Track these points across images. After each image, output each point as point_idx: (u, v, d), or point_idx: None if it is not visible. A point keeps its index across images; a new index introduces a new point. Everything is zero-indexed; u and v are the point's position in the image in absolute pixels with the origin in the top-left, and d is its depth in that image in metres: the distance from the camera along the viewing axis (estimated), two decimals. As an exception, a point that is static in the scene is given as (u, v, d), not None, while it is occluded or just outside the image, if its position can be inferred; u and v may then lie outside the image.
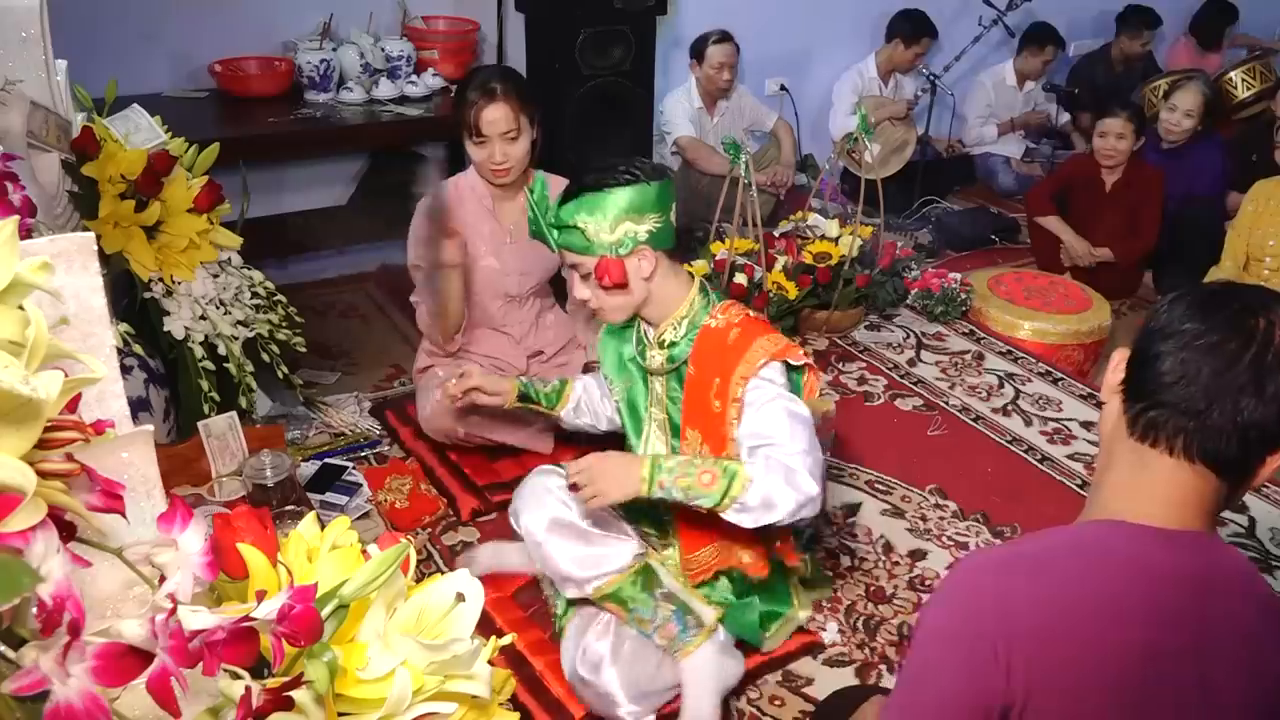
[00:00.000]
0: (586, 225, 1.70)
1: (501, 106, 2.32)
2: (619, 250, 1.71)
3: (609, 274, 1.72)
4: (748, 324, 1.77)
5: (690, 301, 1.81)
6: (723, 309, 1.80)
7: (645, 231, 1.72)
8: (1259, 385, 0.97)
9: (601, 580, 1.77)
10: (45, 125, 1.86)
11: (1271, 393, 0.97)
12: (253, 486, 2.09)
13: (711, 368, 1.76)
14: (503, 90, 2.32)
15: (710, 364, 1.76)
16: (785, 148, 4.14)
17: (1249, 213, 3.53)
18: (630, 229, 1.70)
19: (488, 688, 0.89)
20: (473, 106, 2.32)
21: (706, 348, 1.77)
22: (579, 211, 1.70)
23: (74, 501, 0.66)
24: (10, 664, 0.60)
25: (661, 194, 1.72)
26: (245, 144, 2.96)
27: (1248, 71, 4.85)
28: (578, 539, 1.80)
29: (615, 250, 1.71)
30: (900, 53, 4.48)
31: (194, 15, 3.18)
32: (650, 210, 1.71)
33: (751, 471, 1.60)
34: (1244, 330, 0.99)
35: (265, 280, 2.49)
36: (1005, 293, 3.49)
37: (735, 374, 1.71)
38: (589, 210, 1.69)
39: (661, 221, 1.73)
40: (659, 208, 1.72)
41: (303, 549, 0.91)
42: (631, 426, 1.96)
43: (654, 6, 3.43)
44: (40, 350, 0.62)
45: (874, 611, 2.14)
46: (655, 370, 1.87)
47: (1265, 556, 2.37)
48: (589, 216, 1.69)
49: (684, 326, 1.81)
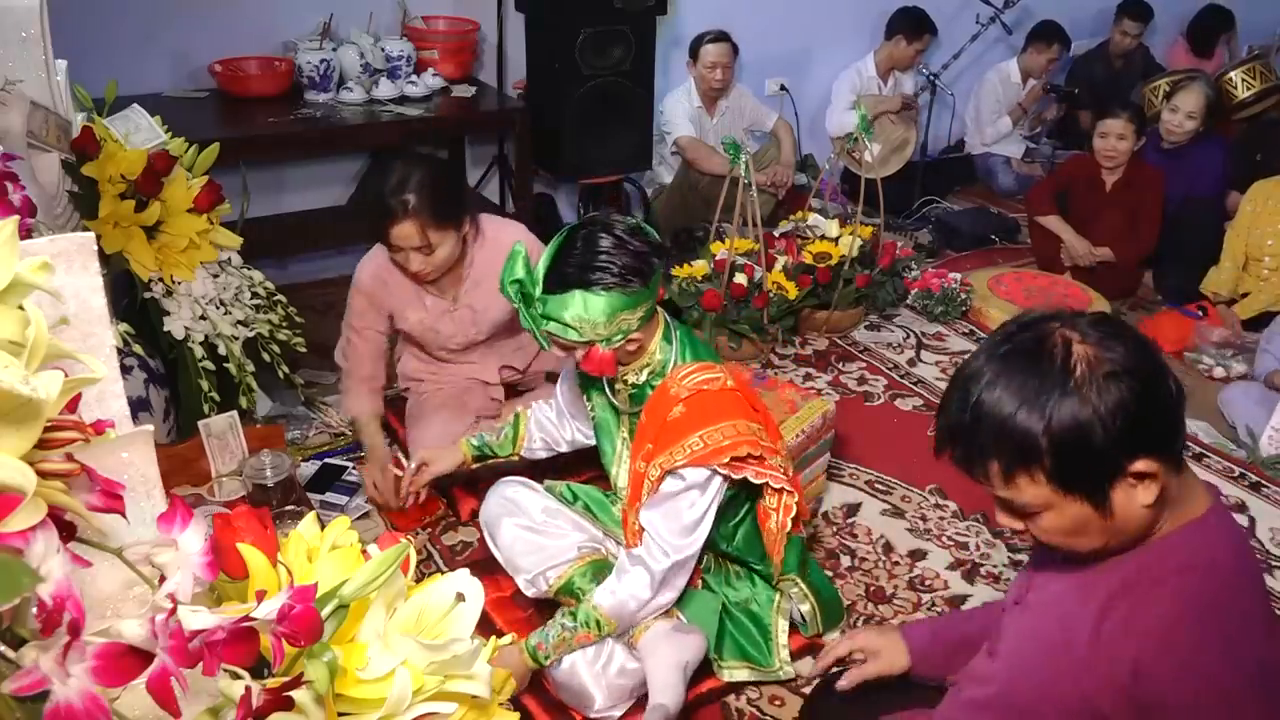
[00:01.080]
0: (581, 324, 1.62)
1: (411, 224, 2.08)
2: (611, 342, 1.66)
3: (598, 365, 1.68)
4: (695, 405, 1.69)
5: (652, 352, 1.77)
6: (684, 372, 1.73)
7: (638, 320, 1.66)
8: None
9: (553, 573, 1.88)
10: (45, 125, 1.86)
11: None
12: (253, 486, 2.09)
13: (652, 432, 1.75)
14: (414, 205, 2.07)
15: (653, 427, 1.75)
16: (785, 148, 4.14)
17: (1248, 213, 3.53)
18: (626, 322, 1.65)
19: (488, 688, 0.89)
20: (382, 217, 2.09)
21: (655, 409, 1.75)
22: (568, 309, 1.61)
23: (74, 501, 0.66)
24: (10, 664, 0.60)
25: (657, 280, 1.67)
26: (245, 144, 2.96)
27: (1248, 71, 4.84)
28: (529, 532, 1.96)
29: (607, 342, 1.66)
30: (902, 50, 4.47)
31: (194, 15, 3.18)
32: (644, 301, 1.66)
33: (607, 608, 1.74)
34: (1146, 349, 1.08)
35: (265, 280, 2.49)
36: (1005, 293, 3.49)
37: (660, 456, 1.71)
38: (582, 309, 1.61)
39: (651, 300, 1.68)
40: (652, 295, 1.68)
41: (303, 549, 0.91)
42: (606, 444, 1.97)
43: (654, 6, 3.43)
44: (40, 350, 0.62)
45: (874, 611, 2.14)
46: (619, 408, 1.88)
47: (1266, 557, 2.37)
48: (584, 314, 1.61)
49: (644, 374, 1.80)
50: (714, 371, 1.75)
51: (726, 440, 1.68)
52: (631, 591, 1.74)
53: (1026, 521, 1.13)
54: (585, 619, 1.75)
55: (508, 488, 2.09)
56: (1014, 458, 1.05)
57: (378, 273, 2.31)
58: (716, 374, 1.75)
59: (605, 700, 1.77)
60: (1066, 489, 1.05)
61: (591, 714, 1.78)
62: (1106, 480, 1.04)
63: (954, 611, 1.75)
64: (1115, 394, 1.01)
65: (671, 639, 1.78)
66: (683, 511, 1.71)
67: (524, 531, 1.99)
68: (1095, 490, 1.04)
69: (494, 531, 2.03)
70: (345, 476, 2.46)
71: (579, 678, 1.77)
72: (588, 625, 1.74)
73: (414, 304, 2.35)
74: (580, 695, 1.77)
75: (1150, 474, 1.04)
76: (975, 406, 1.07)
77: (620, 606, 1.75)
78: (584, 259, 1.62)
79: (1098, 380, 1.02)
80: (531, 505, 2.02)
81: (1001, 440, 1.05)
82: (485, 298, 2.35)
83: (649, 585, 1.74)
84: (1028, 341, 1.07)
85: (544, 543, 1.96)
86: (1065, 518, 1.07)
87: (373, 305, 2.34)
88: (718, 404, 1.71)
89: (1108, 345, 1.04)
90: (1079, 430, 1.01)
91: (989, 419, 1.06)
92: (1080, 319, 1.08)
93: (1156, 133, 4.02)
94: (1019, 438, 1.04)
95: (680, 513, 1.71)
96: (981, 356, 1.11)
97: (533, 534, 1.98)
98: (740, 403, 1.76)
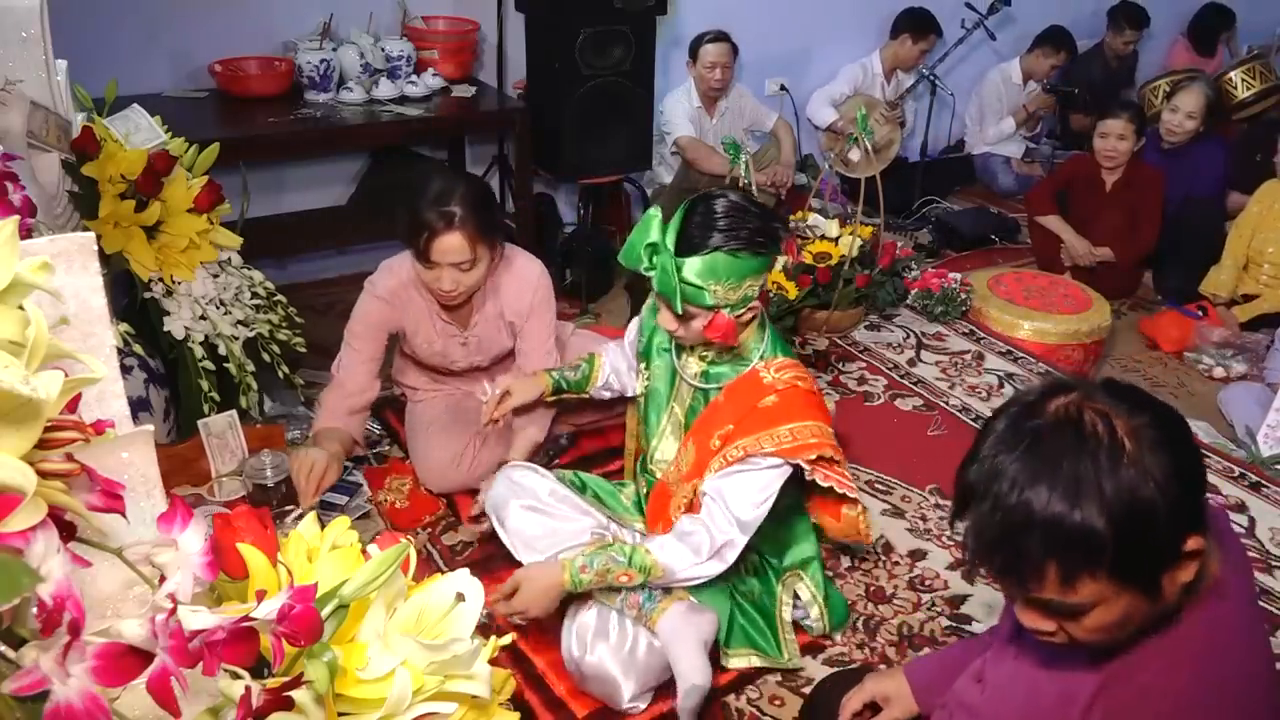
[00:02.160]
0: (715, 288, 1.68)
1: (458, 236, 2.03)
2: (737, 309, 1.73)
3: (723, 332, 1.73)
4: (788, 399, 1.77)
5: (747, 336, 1.83)
6: (779, 365, 1.81)
7: (759, 288, 1.75)
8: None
9: (566, 555, 1.85)
10: (45, 125, 1.86)
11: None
12: (253, 486, 2.09)
13: (734, 413, 1.80)
14: (461, 217, 2.02)
15: (736, 409, 1.80)
16: (785, 148, 4.14)
17: (1253, 214, 3.53)
18: (751, 288, 1.73)
19: (488, 688, 0.89)
20: (425, 230, 2.03)
21: (742, 392, 1.81)
22: (709, 274, 1.67)
23: (74, 501, 0.66)
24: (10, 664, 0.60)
25: (778, 249, 1.76)
26: (245, 144, 2.96)
27: (1248, 71, 4.84)
28: (536, 513, 1.95)
29: (734, 308, 1.72)
30: (907, 49, 4.47)
31: (194, 15, 3.18)
32: (769, 268, 1.76)
33: (662, 560, 1.75)
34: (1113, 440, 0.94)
35: (265, 280, 2.49)
36: (1005, 293, 3.49)
37: (743, 439, 1.76)
38: (720, 275, 1.67)
39: (770, 270, 1.79)
40: (773, 264, 1.78)
41: (303, 549, 0.91)
42: (652, 414, 1.99)
43: (654, 6, 3.42)
44: (40, 350, 0.62)
45: (874, 611, 2.14)
46: (687, 378, 1.92)
47: (1265, 556, 2.37)
48: (719, 281, 1.67)
49: (729, 355, 1.84)
50: (805, 372, 1.83)
51: (814, 439, 1.75)
52: (691, 549, 1.75)
53: (1065, 622, 1.00)
54: (638, 561, 1.74)
55: (515, 471, 2.07)
56: (1076, 559, 0.94)
57: (399, 289, 2.26)
58: (806, 375, 1.82)
59: (635, 688, 1.77)
60: (1125, 581, 0.94)
61: (623, 705, 1.78)
62: (1164, 565, 0.95)
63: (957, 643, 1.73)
64: (1166, 462, 0.93)
65: (690, 619, 1.79)
66: (755, 490, 1.76)
67: (531, 513, 1.96)
68: (1153, 578, 0.95)
69: (501, 514, 2.00)
70: (345, 476, 2.46)
71: (607, 668, 1.77)
72: (637, 566, 1.74)
73: (425, 325, 2.33)
74: (609, 685, 1.77)
75: (1197, 551, 0.95)
76: (1016, 511, 0.94)
77: (674, 561, 1.75)
78: (713, 223, 1.67)
79: (1146, 452, 0.92)
80: (539, 487, 2.01)
81: (1058, 542, 0.93)
82: (493, 330, 2.36)
83: (708, 548, 1.75)
84: (1054, 426, 0.96)
85: (554, 525, 1.95)
86: (1114, 612, 0.97)
87: (385, 318, 2.28)
88: (807, 403, 1.78)
89: (1137, 413, 0.95)
90: (1143, 511, 0.92)
91: (1040, 523, 0.93)
92: (1094, 389, 0.99)
93: (1156, 133, 4.02)
94: (1080, 535, 0.92)
95: (753, 491, 1.76)
96: (1002, 455, 0.97)
97: (541, 515, 1.96)
98: (823, 407, 1.83)
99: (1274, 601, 2.23)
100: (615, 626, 1.81)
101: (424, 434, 2.42)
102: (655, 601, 1.81)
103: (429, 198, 2.03)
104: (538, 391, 2.17)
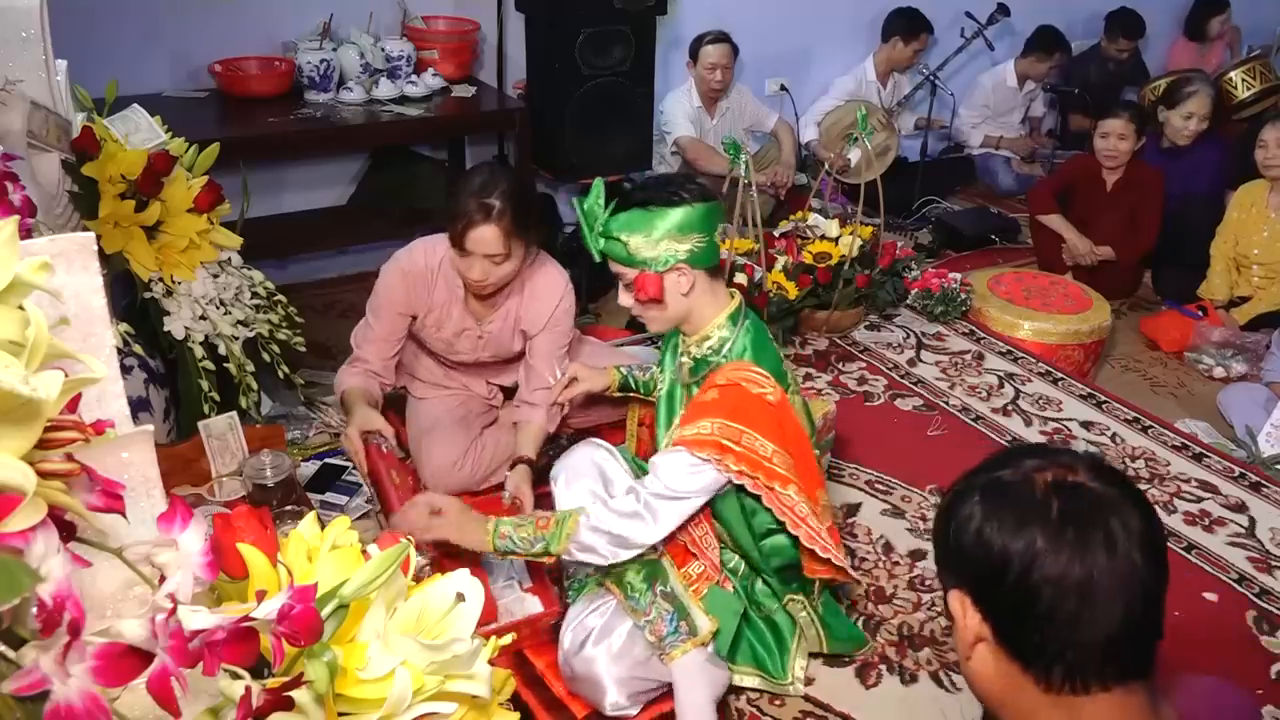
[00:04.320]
0: (630, 240, 1.78)
1: (493, 229, 2.07)
2: (657, 266, 1.78)
3: (645, 289, 1.80)
4: (726, 397, 1.76)
5: (718, 325, 1.85)
6: (737, 365, 1.80)
7: (685, 251, 1.78)
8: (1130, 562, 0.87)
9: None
10: (45, 125, 1.86)
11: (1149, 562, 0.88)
12: (253, 486, 2.09)
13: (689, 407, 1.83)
14: (499, 211, 2.06)
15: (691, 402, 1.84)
16: (785, 148, 4.14)
17: (1234, 219, 3.54)
18: (671, 247, 1.77)
19: (488, 688, 0.89)
20: (463, 218, 2.07)
21: (702, 387, 1.83)
22: (625, 227, 1.78)
23: (74, 501, 0.66)
24: (10, 664, 0.60)
25: (706, 216, 1.79)
26: (245, 144, 2.96)
27: (1248, 71, 4.84)
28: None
29: (654, 266, 1.78)
30: (899, 50, 4.47)
31: (194, 15, 3.18)
32: (693, 231, 1.77)
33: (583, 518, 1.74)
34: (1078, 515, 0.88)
35: (265, 280, 2.49)
36: (1005, 293, 3.49)
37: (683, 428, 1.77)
38: (635, 227, 1.77)
39: (704, 242, 1.79)
40: (702, 229, 1.79)
41: (303, 549, 0.91)
42: (665, 417, 1.98)
43: (654, 6, 3.42)
44: (40, 350, 0.62)
45: (874, 611, 2.14)
46: (679, 378, 1.93)
47: (1266, 556, 2.37)
48: (634, 232, 1.77)
49: (705, 348, 1.85)
50: (764, 380, 1.78)
51: (730, 441, 1.71)
52: (617, 510, 1.76)
53: None
54: (559, 515, 1.76)
55: (597, 451, 2.05)
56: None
57: (423, 271, 2.27)
58: (765, 385, 1.77)
59: (619, 696, 1.76)
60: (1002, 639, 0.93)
61: (606, 709, 1.78)
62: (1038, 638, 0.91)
63: None
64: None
65: (708, 670, 1.78)
66: (685, 466, 1.74)
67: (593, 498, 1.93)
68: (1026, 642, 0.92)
69: (571, 482, 2.00)
70: (345, 476, 2.46)
71: (596, 670, 1.76)
72: (557, 521, 1.75)
73: (442, 309, 2.33)
74: (596, 688, 1.77)
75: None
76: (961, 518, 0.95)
77: (600, 518, 1.74)
78: (640, 185, 1.84)
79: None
80: (619, 481, 1.99)
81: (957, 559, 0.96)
82: (506, 332, 2.36)
83: (633, 504, 1.75)
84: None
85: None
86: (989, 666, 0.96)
87: (400, 295, 2.28)
88: (745, 406, 1.75)
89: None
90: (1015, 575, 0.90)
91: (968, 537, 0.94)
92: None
93: (1156, 133, 4.02)
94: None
95: (683, 467, 1.74)
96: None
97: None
98: (770, 418, 1.76)
99: (1274, 601, 2.23)
100: (621, 637, 1.79)
101: (426, 435, 2.42)
102: (679, 637, 1.78)
103: (472, 187, 2.08)
104: (605, 383, 2.18)
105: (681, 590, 1.83)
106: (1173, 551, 2.34)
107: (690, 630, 1.78)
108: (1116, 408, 2.99)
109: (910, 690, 1.95)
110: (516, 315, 2.34)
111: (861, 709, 1.90)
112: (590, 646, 1.78)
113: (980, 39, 4.62)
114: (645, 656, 1.78)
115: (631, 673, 1.77)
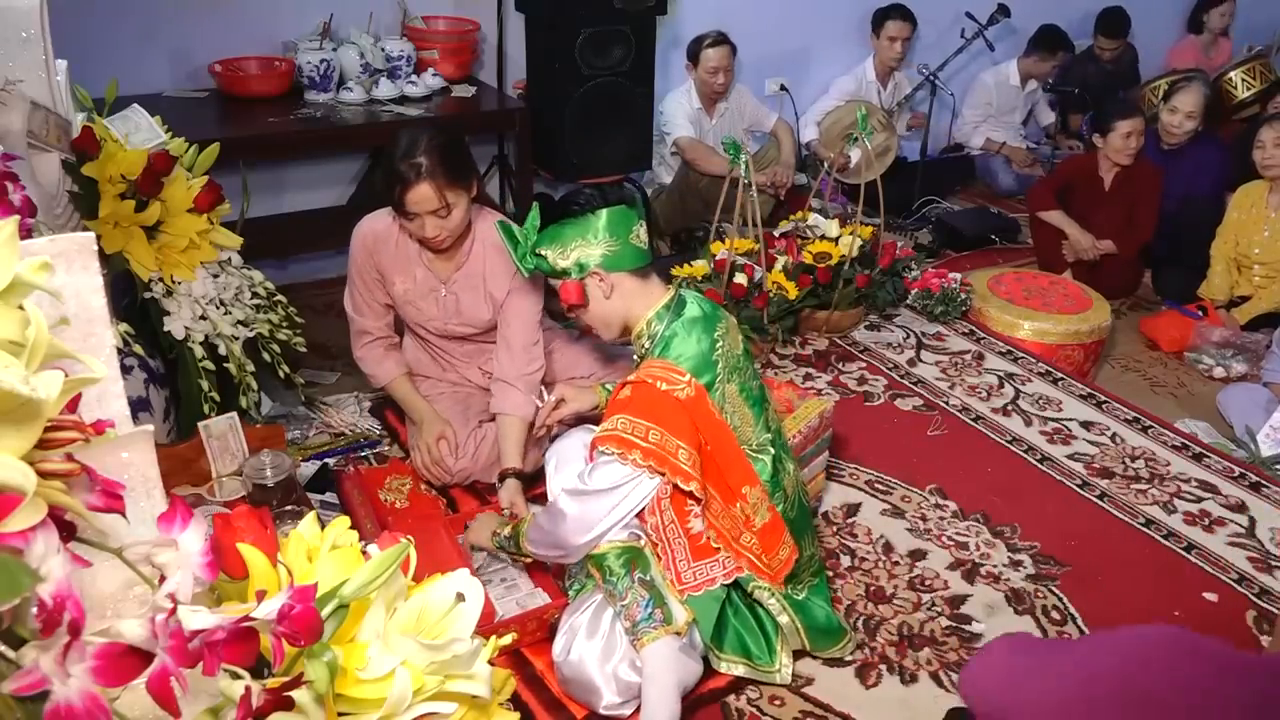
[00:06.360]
0: (548, 253, 1.90)
1: (427, 185, 2.13)
2: (575, 274, 1.88)
3: (568, 295, 1.91)
4: (638, 394, 1.78)
5: (647, 321, 1.89)
6: (652, 364, 1.82)
7: (599, 256, 1.86)
8: None
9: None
10: (45, 125, 1.86)
11: None
12: (253, 486, 2.09)
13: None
14: (428, 168, 2.12)
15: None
16: (785, 148, 4.14)
17: (1233, 219, 3.54)
18: (583, 254, 1.86)
19: (488, 688, 0.89)
20: (398, 182, 2.14)
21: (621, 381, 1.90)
22: (542, 242, 1.91)
23: (74, 501, 0.66)
24: (10, 664, 0.60)
25: (614, 220, 1.86)
26: (245, 144, 2.96)
27: (1248, 71, 4.85)
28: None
29: (573, 274, 1.88)
30: (885, 47, 4.46)
31: (194, 15, 3.18)
32: (602, 236, 1.86)
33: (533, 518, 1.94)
34: None
35: (265, 280, 2.49)
36: (1005, 293, 3.49)
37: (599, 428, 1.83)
38: (549, 240, 1.89)
39: (617, 245, 1.86)
40: (612, 233, 1.86)
41: (303, 549, 0.91)
42: None
43: (654, 6, 3.43)
44: (40, 350, 0.62)
45: (874, 611, 2.14)
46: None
47: (1265, 556, 2.37)
48: (550, 246, 1.89)
49: (642, 345, 1.91)
50: (676, 377, 1.78)
51: (637, 437, 1.74)
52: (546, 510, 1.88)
53: None
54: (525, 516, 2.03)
55: (588, 436, 2.05)
56: None
57: (377, 230, 2.36)
58: (680, 382, 1.78)
59: (613, 695, 1.77)
60: None
61: (601, 709, 1.78)
62: None
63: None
64: None
65: (679, 659, 1.78)
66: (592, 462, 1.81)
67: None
68: None
69: (561, 467, 2.09)
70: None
71: (587, 670, 1.77)
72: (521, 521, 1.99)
73: (404, 271, 2.37)
74: (588, 689, 1.78)
75: None
76: None
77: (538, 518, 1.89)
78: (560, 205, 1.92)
79: None
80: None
81: None
82: (472, 292, 2.37)
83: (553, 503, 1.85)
84: None
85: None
86: None
87: (365, 258, 2.37)
88: (654, 403, 1.76)
89: None
90: None
91: None
92: None
93: (1155, 132, 4.02)
94: None
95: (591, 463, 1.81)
96: None
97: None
98: (680, 417, 1.75)
99: (1274, 601, 2.23)
100: (606, 630, 1.80)
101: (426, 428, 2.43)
102: (653, 624, 1.77)
103: (399, 152, 2.14)
104: (593, 402, 2.18)
105: (661, 580, 1.83)
106: (1173, 551, 2.36)
107: (665, 619, 1.78)
108: (1116, 408, 2.99)
109: (910, 690, 1.95)
110: (482, 274, 2.35)
111: (861, 709, 1.90)
112: (578, 644, 1.79)
113: (980, 39, 4.62)
114: (631, 655, 1.79)
115: (622, 669, 1.77)
